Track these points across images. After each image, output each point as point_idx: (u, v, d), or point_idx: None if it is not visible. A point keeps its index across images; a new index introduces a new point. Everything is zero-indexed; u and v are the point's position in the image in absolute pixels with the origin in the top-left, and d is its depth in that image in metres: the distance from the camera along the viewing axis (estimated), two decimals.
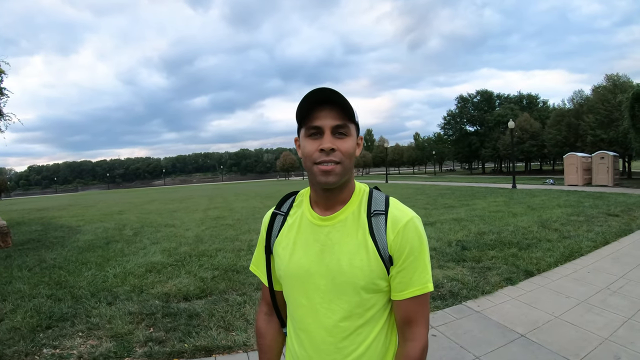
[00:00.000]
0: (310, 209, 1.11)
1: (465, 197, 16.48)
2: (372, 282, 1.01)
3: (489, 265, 5.59)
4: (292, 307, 1.12)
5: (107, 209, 19.67)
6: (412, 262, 1.01)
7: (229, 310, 4.20)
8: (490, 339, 3.44)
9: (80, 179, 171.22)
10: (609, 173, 20.42)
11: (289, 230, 1.13)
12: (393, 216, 1.03)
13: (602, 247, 6.58)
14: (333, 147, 0.97)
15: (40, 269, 6.43)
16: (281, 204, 1.20)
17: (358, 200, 1.09)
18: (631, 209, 10.62)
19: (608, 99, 28.33)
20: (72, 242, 9.17)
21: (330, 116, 0.98)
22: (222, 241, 8.37)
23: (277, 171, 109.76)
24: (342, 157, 0.99)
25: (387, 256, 1.01)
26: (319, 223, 1.08)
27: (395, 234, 1.01)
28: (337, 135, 0.99)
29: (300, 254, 1.08)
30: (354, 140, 1.03)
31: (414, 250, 1.01)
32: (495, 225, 8.77)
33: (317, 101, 0.98)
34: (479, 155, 61.52)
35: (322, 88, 0.96)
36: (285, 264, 1.09)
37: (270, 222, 1.19)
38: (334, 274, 1.02)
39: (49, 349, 3.46)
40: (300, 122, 1.03)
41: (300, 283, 1.07)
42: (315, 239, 1.07)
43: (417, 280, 1.01)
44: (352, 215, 1.06)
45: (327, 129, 0.98)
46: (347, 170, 1.02)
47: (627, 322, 3.66)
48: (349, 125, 1.01)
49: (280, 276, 1.14)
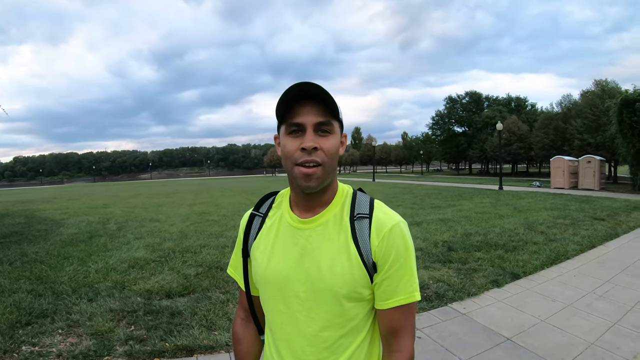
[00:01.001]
0: (290, 211, 1.05)
1: (452, 198, 16.55)
2: (354, 290, 0.95)
3: (475, 267, 5.59)
4: (270, 315, 1.05)
5: (92, 202, 19.40)
6: (398, 269, 0.95)
7: (212, 308, 4.12)
8: (476, 342, 3.41)
9: (66, 171, 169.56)
10: (595, 177, 20.64)
11: (267, 233, 1.07)
12: (378, 220, 0.97)
13: (588, 251, 6.61)
14: (315, 145, 0.91)
15: (21, 263, 6.29)
16: (260, 205, 1.14)
17: (341, 203, 1.02)
18: (617, 214, 10.73)
19: (596, 104, 28.67)
20: (55, 235, 9.00)
21: (312, 112, 0.91)
22: (207, 237, 8.28)
23: (264, 167, 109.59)
24: (325, 157, 0.92)
25: (371, 263, 0.95)
26: (298, 226, 1.01)
27: (380, 240, 0.94)
28: (319, 133, 0.92)
29: (278, 259, 1.01)
30: (337, 139, 0.96)
31: (400, 257, 0.95)
32: (482, 227, 8.80)
33: (299, 96, 0.91)
34: (466, 156, 61.86)
35: (304, 82, 0.89)
36: (263, 269, 1.03)
37: (248, 223, 1.12)
38: (313, 280, 0.96)
39: (28, 346, 3.36)
40: (280, 118, 0.96)
41: (278, 289, 1.00)
42: (295, 242, 1.00)
43: (402, 289, 0.95)
44: (334, 218, 1.00)
45: (310, 126, 0.91)
46: (330, 172, 0.95)
47: (613, 327, 3.66)
48: (333, 122, 0.94)
49: (257, 281, 1.07)
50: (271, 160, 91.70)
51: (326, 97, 0.90)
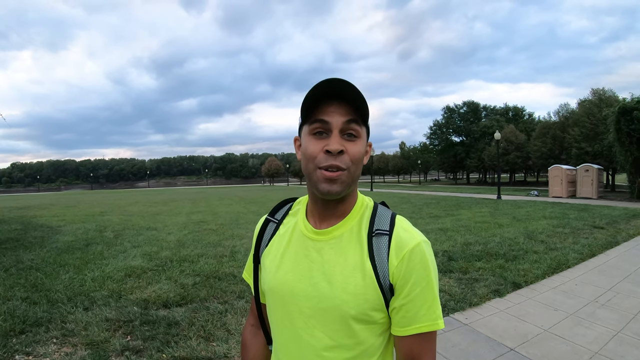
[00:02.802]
0: (305, 220, 0.98)
1: (450, 207, 16.52)
2: (364, 313, 0.86)
3: (476, 277, 5.53)
4: (275, 327, 0.99)
5: (89, 210, 19.28)
6: (419, 294, 0.86)
7: (210, 319, 4.05)
8: (479, 353, 3.35)
9: (63, 178, 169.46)
10: (593, 185, 20.68)
11: (279, 240, 1.00)
12: (398, 238, 0.88)
13: (589, 260, 6.57)
14: (342, 148, 0.83)
15: (16, 269, 6.21)
16: (276, 211, 1.07)
17: (359, 215, 0.94)
18: (616, 222, 10.72)
19: (593, 112, 28.85)
20: (52, 242, 8.91)
21: (340, 112, 0.84)
22: (205, 246, 8.21)
23: (261, 176, 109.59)
24: (350, 163, 0.85)
25: (388, 285, 0.86)
26: (311, 236, 0.94)
27: (399, 260, 0.86)
28: (346, 137, 0.85)
29: (286, 269, 0.94)
30: (364, 145, 0.88)
31: (421, 280, 0.86)
32: (482, 236, 8.75)
33: (328, 94, 0.83)
34: (464, 166, 61.99)
35: (335, 79, 0.82)
36: (270, 278, 0.96)
37: (262, 229, 1.06)
38: (321, 297, 0.88)
39: (22, 355, 3.29)
40: (304, 117, 0.88)
41: (282, 302, 0.94)
42: (305, 254, 0.93)
43: (424, 316, 0.86)
44: (350, 231, 0.92)
45: (336, 127, 0.84)
46: (354, 179, 0.88)
47: (616, 336, 3.61)
48: (361, 126, 0.86)
49: (264, 290, 1.01)
50: (269, 169, 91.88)
51: (357, 96, 0.83)
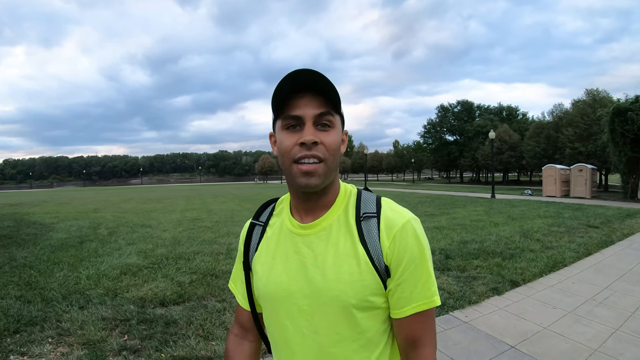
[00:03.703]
0: (290, 217, 0.96)
1: (445, 206, 16.56)
2: (365, 299, 0.84)
3: (474, 275, 5.53)
4: (275, 332, 0.95)
5: (83, 207, 19.14)
6: (413, 271, 0.84)
7: (208, 317, 4.01)
8: (480, 351, 3.34)
9: (56, 175, 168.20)
10: (586, 185, 20.80)
11: (267, 243, 0.98)
12: (387, 218, 0.87)
13: (585, 258, 6.60)
14: (316, 139, 0.81)
15: (10, 267, 6.13)
16: (260, 213, 1.04)
17: (344, 203, 0.93)
18: (610, 221, 10.78)
19: (587, 113, 28.97)
20: (45, 240, 8.83)
21: (312, 104, 0.82)
22: (200, 244, 8.16)
23: (255, 174, 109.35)
24: (326, 153, 0.83)
25: (383, 267, 0.84)
26: (299, 232, 0.92)
27: (391, 240, 0.84)
28: (320, 127, 0.83)
29: (279, 270, 0.92)
30: (339, 134, 0.87)
31: (415, 257, 0.84)
32: (478, 235, 8.77)
33: (297, 87, 0.81)
34: (457, 165, 62.18)
35: (302, 70, 0.80)
36: (264, 283, 0.93)
37: (248, 234, 1.03)
38: (318, 291, 0.86)
39: (16, 355, 3.23)
40: (275, 112, 0.86)
41: (281, 304, 0.91)
42: (296, 250, 0.91)
43: (420, 294, 0.85)
44: (338, 220, 0.90)
45: (309, 119, 0.82)
46: (332, 170, 0.86)
47: (615, 333, 3.63)
48: (334, 115, 0.85)
49: (259, 296, 0.97)
50: (262, 167, 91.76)
51: (327, 86, 0.81)
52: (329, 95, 0.82)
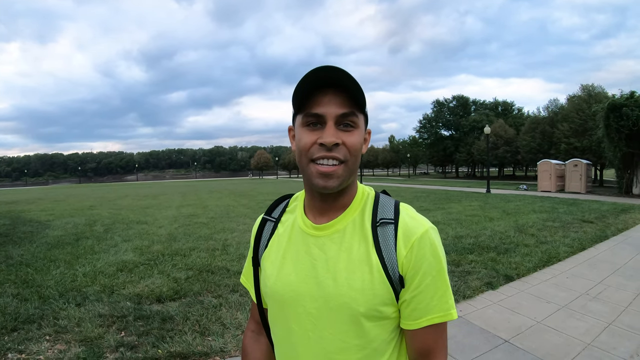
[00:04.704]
0: (304, 215, 0.93)
1: (440, 201, 16.61)
2: (374, 308, 0.82)
3: (468, 270, 5.57)
4: (280, 332, 0.94)
5: (78, 204, 19.08)
6: (430, 283, 0.82)
7: (205, 313, 4.03)
8: (474, 345, 3.38)
9: (51, 172, 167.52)
10: (581, 180, 20.88)
11: (278, 240, 0.95)
12: (405, 226, 0.83)
13: (579, 253, 6.65)
14: (337, 141, 0.78)
15: (6, 265, 6.12)
16: (272, 209, 1.03)
17: (360, 206, 0.90)
18: (605, 216, 10.84)
19: (583, 108, 29.02)
20: (41, 237, 8.81)
21: (335, 102, 0.78)
22: (196, 240, 8.17)
23: (250, 169, 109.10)
24: (347, 155, 0.80)
25: (397, 277, 0.82)
26: (311, 232, 0.90)
27: (408, 250, 0.81)
28: (342, 127, 0.80)
29: (288, 270, 0.89)
30: (361, 134, 0.83)
31: (432, 269, 0.82)
32: (473, 229, 8.82)
33: (321, 83, 0.78)
34: (453, 160, 62.39)
35: (327, 67, 0.76)
36: (272, 282, 0.91)
37: (259, 229, 1.01)
38: (327, 296, 0.83)
39: (14, 353, 3.24)
40: (296, 107, 0.84)
41: (288, 305, 0.89)
42: (307, 251, 0.89)
43: (437, 306, 0.82)
44: (353, 224, 0.87)
45: (331, 119, 0.79)
46: (352, 172, 0.84)
47: (608, 328, 3.67)
48: (358, 115, 0.81)
49: (266, 294, 0.95)
50: (258, 162, 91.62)
51: (353, 85, 0.78)
52: (354, 94, 0.79)
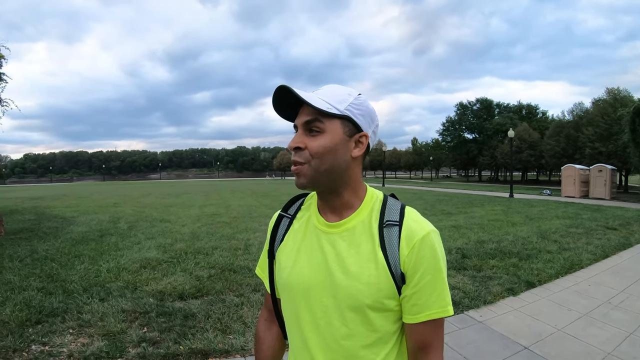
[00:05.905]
0: (317, 213, 1.01)
1: (463, 205, 16.44)
2: (378, 301, 0.90)
3: (490, 275, 5.52)
4: (292, 320, 1.01)
5: (102, 201, 19.51)
6: (429, 281, 0.89)
7: (226, 311, 4.09)
8: (494, 350, 3.36)
9: (75, 169, 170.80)
10: (606, 186, 20.40)
11: (294, 236, 1.03)
12: (408, 228, 0.91)
13: (602, 261, 6.53)
14: (298, 145, 0.90)
15: (31, 260, 6.30)
16: (289, 206, 1.10)
17: (369, 208, 0.97)
18: (629, 223, 10.60)
19: (608, 112, 28.39)
20: (66, 233, 9.04)
21: (303, 112, 0.91)
22: (219, 239, 8.27)
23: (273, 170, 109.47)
24: (309, 157, 0.89)
25: (399, 273, 0.89)
26: (324, 229, 0.97)
27: (410, 249, 0.89)
28: (308, 133, 0.91)
29: (302, 263, 0.97)
30: (330, 138, 0.89)
31: (431, 268, 0.89)
32: (495, 234, 8.72)
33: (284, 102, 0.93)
34: (476, 163, 61.65)
35: (279, 88, 0.89)
36: (287, 274, 0.99)
37: (276, 225, 1.09)
38: (337, 287, 0.91)
39: (38, 345, 3.33)
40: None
41: (301, 295, 0.96)
42: (319, 246, 0.96)
43: (435, 303, 0.90)
44: (362, 224, 0.95)
45: (300, 127, 0.92)
46: (321, 172, 0.90)
47: (629, 337, 3.61)
48: (323, 120, 0.89)
49: (281, 285, 1.03)
50: (281, 163, 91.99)
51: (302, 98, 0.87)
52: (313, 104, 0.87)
